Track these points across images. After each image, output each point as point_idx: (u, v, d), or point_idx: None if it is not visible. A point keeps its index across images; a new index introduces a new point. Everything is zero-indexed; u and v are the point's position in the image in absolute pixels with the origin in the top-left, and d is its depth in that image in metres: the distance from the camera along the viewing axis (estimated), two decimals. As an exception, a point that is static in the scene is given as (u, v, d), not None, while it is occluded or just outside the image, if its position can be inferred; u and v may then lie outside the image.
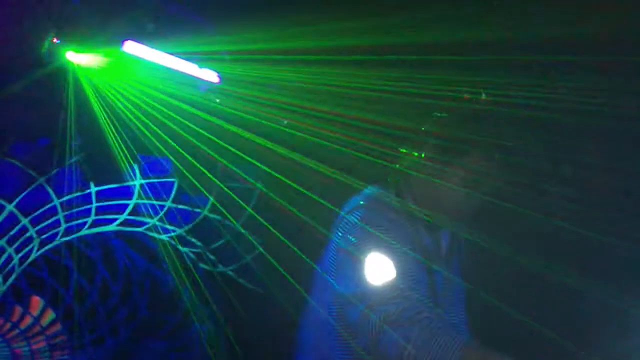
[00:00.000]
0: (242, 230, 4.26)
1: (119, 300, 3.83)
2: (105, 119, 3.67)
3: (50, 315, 3.71)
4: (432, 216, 2.23)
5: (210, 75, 4.13)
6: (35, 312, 3.69)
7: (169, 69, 3.86)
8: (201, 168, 4.19)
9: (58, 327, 3.75)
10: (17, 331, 3.67)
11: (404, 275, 2.06)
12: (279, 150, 4.24)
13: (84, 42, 3.46)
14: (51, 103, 3.44)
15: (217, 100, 4.18)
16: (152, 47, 3.82)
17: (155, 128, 3.89)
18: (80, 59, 3.49)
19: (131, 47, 3.72)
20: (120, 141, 3.79)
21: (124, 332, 3.84)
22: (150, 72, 3.78)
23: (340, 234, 2.14)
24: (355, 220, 2.14)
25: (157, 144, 3.95)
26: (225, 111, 4.18)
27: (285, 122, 4.28)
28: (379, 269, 2.07)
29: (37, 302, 3.72)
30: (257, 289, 4.22)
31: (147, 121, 3.81)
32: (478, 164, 2.17)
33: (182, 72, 4.00)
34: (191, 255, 4.16)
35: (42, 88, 3.41)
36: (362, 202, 2.22)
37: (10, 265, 3.60)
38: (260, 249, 4.29)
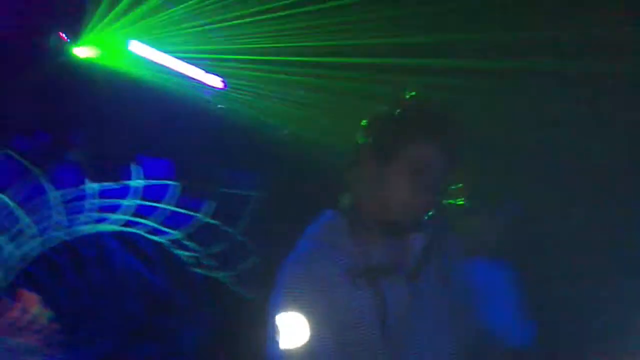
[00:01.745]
0: (241, 238, 4.23)
1: (112, 302, 3.77)
2: (108, 116, 3.67)
3: (42, 312, 3.65)
4: (390, 222, 1.99)
5: (214, 81, 4.14)
6: (31, 310, 3.63)
7: (173, 71, 3.87)
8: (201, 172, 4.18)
9: (53, 325, 3.68)
10: (13, 328, 3.61)
11: (313, 339, 1.85)
12: (280, 158, 4.23)
13: (91, 38, 3.47)
14: (54, 98, 3.43)
15: (220, 106, 4.18)
16: (158, 49, 3.83)
17: (157, 129, 3.89)
18: (87, 54, 3.49)
19: (136, 47, 3.73)
20: (121, 140, 3.78)
21: (117, 334, 3.78)
22: (156, 74, 3.79)
23: (283, 275, 1.93)
24: (296, 259, 1.93)
25: (159, 145, 3.94)
26: (228, 116, 4.19)
27: (286, 131, 4.29)
28: (292, 332, 1.86)
29: (33, 299, 3.66)
30: (252, 297, 4.17)
31: (150, 121, 3.81)
32: (421, 151, 1.97)
33: (186, 76, 4.00)
34: (188, 259, 4.11)
35: (45, 82, 3.40)
36: (310, 233, 2.01)
37: (10, 262, 3.56)
38: (257, 258, 4.24)
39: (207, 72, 4.07)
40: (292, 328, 1.75)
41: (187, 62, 4.01)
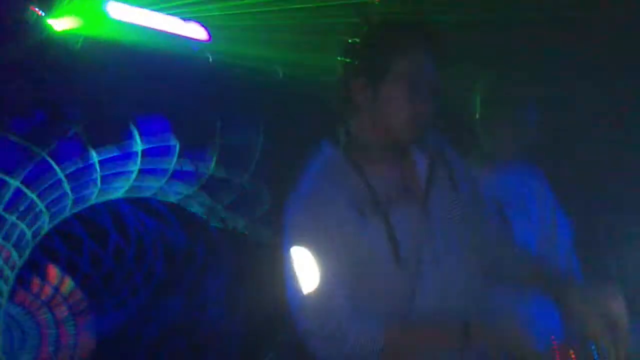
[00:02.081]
0: (250, 184, 4.28)
1: (134, 264, 3.89)
2: (100, 84, 3.66)
3: (69, 283, 3.79)
4: (391, 143, 1.96)
5: (198, 32, 4.07)
6: (54, 282, 3.77)
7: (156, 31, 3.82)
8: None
9: (78, 294, 3.83)
10: (39, 302, 3.76)
11: (329, 274, 1.83)
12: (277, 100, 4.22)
13: (66, 7, 3.43)
14: (41, 74, 3.43)
15: (210, 59, 4.14)
16: (137, 5, 3.77)
17: (150, 88, 3.88)
18: (65, 24, 3.46)
19: (115, 8, 3.68)
20: (116, 105, 3.78)
21: (143, 293, 3.92)
22: (139, 34, 3.75)
23: (288, 217, 1.90)
24: (299, 198, 1.90)
25: (155, 104, 3.94)
26: (218, 67, 4.16)
27: (280, 73, 4.26)
28: (306, 273, 1.85)
29: (54, 272, 3.80)
30: (268, 242, 4.25)
31: (142, 81, 3.80)
32: (411, 62, 1.91)
33: (170, 33, 3.95)
34: (201, 213, 4.20)
35: (31, 61, 3.40)
36: (310, 170, 1.95)
37: (23, 240, 3.67)
38: (269, 202, 4.30)
39: (188, 20, 4.00)
40: (306, 268, 1.73)
41: (169, 14, 3.95)
